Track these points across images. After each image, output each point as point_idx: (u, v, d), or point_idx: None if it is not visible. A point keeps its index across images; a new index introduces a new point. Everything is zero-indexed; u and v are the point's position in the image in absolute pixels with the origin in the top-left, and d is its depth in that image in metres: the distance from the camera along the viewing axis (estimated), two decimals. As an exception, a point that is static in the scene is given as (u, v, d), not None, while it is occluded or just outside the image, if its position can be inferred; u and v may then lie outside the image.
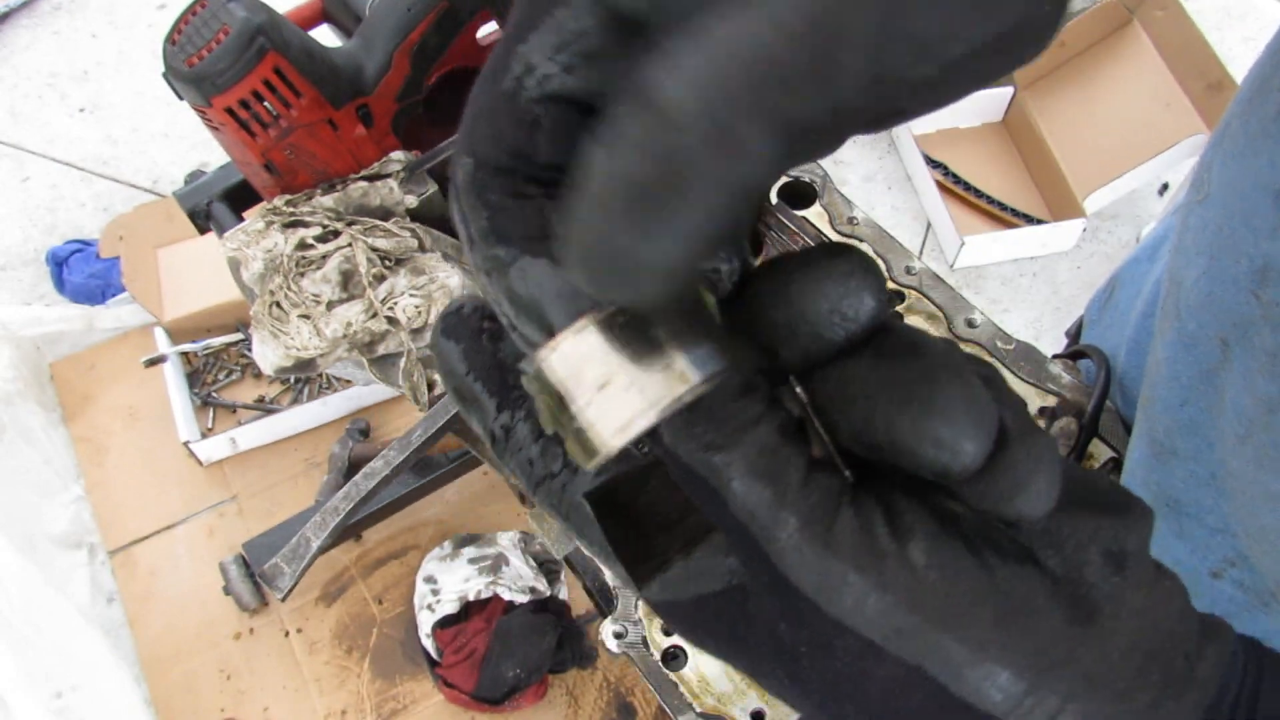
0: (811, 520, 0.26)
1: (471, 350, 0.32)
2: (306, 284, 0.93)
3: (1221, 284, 0.47)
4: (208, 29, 0.89)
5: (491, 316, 0.32)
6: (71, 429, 2.23)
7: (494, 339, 0.32)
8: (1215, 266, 0.47)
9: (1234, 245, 0.46)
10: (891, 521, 0.26)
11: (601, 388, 0.24)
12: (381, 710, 1.89)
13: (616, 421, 0.24)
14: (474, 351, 0.32)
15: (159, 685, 1.94)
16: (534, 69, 0.24)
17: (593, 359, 0.24)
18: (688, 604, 0.30)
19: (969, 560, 0.26)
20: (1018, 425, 0.26)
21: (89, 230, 2.54)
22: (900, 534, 0.26)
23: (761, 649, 0.29)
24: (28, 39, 3.00)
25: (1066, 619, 0.26)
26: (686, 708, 0.71)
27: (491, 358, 0.32)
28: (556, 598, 1.90)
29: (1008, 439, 0.25)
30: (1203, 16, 2.49)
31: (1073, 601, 0.26)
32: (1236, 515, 0.50)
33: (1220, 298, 0.47)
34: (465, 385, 0.32)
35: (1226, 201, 0.47)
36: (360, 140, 1.03)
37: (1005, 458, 0.25)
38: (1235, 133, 0.47)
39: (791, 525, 0.26)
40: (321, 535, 0.74)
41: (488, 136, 0.25)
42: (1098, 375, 0.79)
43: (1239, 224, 0.45)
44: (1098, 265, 2.47)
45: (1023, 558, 0.27)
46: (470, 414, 0.33)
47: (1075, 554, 0.27)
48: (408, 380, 0.91)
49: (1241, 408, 0.46)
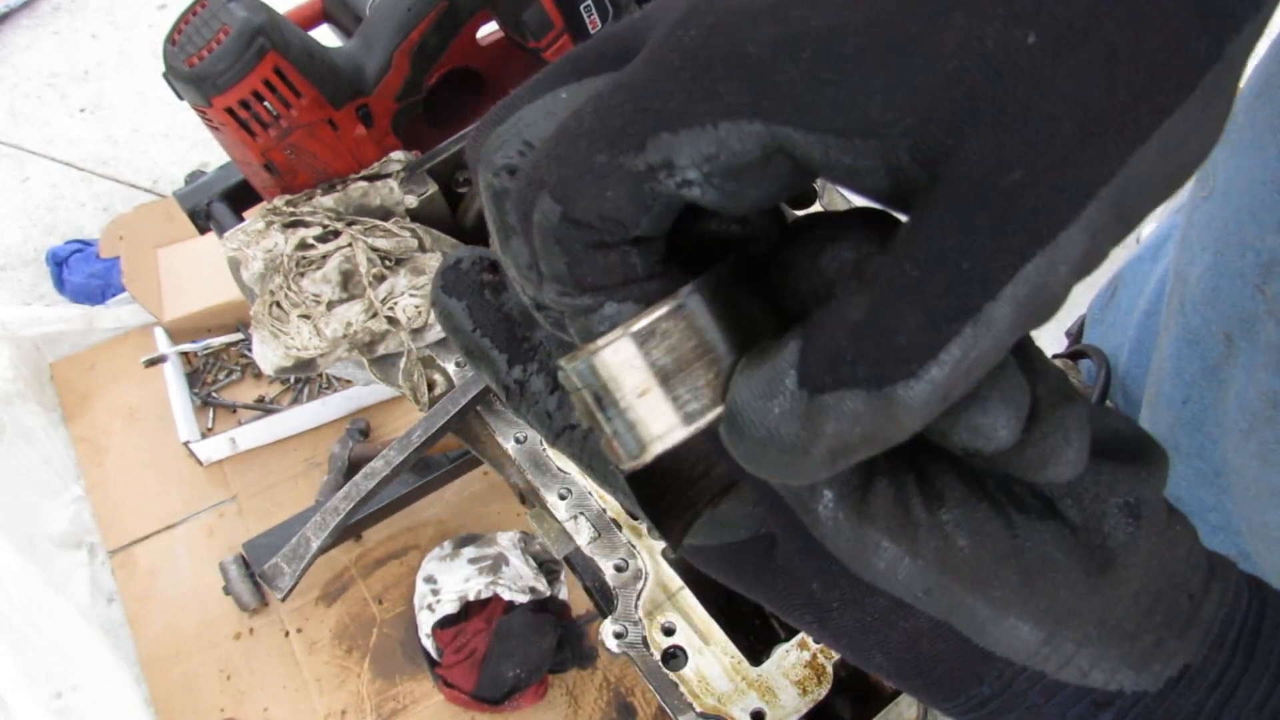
0: (846, 492, 0.27)
1: (476, 306, 0.32)
2: (306, 284, 0.93)
3: (1227, 279, 0.47)
4: (208, 29, 0.89)
5: (492, 267, 0.32)
6: (71, 429, 2.23)
7: (496, 292, 0.32)
8: (1221, 261, 0.47)
9: (1240, 240, 0.46)
10: (924, 490, 0.28)
11: (642, 395, 0.24)
12: (381, 710, 1.89)
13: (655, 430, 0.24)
14: (479, 307, 0.32)
15: (159, 685, 1.94)
16: (676, 169, 0.23)
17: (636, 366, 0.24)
18: (716, 549, 0.31)
19: (996, 522, 0.27)
20: (1049, 396, 0.26)
21: (89, 230, 2.54)
22: (932, 502, 0.28)
23: (792, 599, 0.30)
24: (28, 39, 3.00)
25: (1084, 571, 0.27)
26: (686, 708, 0.71)
27: (497, 312, 0.32)
28: (556, 598, 1.90)
29: (1039, 411, 0.26)
30: (1203, 16, 2.49)
31: (1089, 553, 0.28)
32: (1239, 512, 0.50)
33: (1225, 292, 0.47)
34: (474, 342, 0.32)
35: (1232, 197, 0.47)
36: (360, 140, 1.03)
37: (1036, 431, 0.26)
38: (1241, 129, 0.47)
39: (827, 497, 0.27)
40: (321, 535, 0.74)
41: (591, 196, 0.23)
42: (1098, 375, 0.79)
43: (1245, 219, 0.45)
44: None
45: (1045, 512, 0.28)
46: (481, 369, 0.33)
47: (1094, 506, 0.28)
48: (408, 380, 0.91)
49: (1245, 403, 0.46)
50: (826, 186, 0.97)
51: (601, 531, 0.79)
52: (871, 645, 0.29)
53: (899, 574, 0.27)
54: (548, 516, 0.83)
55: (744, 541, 0.31)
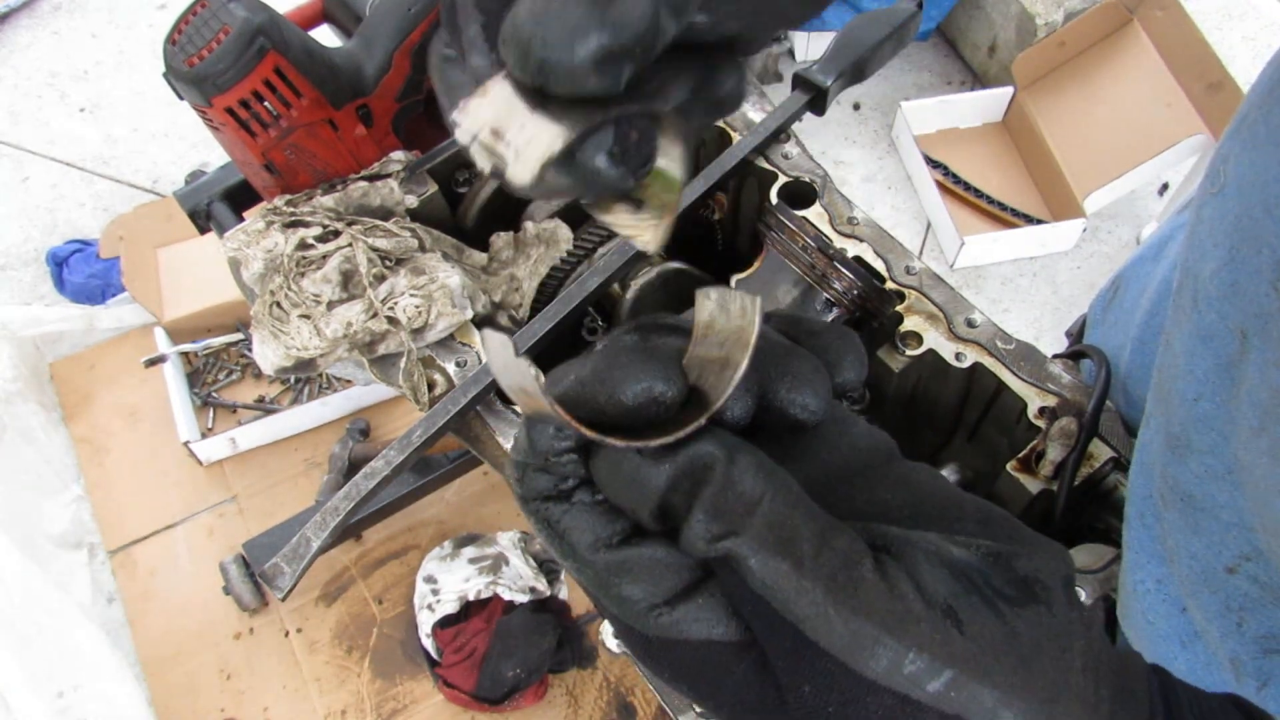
0: (834, 586, 0.28)
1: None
2: (307, 284, 0.93)
3: (1243, 275, 0.47)
4: (208, 29, 0.89)
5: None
6: (71, 429, 2.23)
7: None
8: (1236, 258, 0.47)
9: (1255, 237, 0.45)
10: (915, 582, 0.29)
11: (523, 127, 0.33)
12: (381, 710, 1.89)
13: (539, 147, 0.33)
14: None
15: (159, 685, 1.94)
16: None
17: (514, 104, 0.33)
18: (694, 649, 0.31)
19: (988, 612, 0.29)
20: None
21: (89, 230, 2.54)
22: (926, 594, 0.29)
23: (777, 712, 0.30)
24: (28, 39, 3.00)
25: (1060, 649, 0.30)
26: (686, 708, 0.71)
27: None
28: (556, 598, 1.90)
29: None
30: (1203, 16, 2.49)
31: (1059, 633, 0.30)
32: (1252, 509, 0.50)
33: (1241, 289, 0.47)
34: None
35: (1246, 193, 0.47)
36: (360, 140, 1.03)
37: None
38: (1255, 124, 0.47)
39: (817, 593, 0.28)
40: (321, 535, 0.74)
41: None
42: (1098, 375, 0.79)
43: (1260, 215, 0.45)
44: (1098, 265, 2.47)
45: (1023, 599, 0.30)
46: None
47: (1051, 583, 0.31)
48: (408, 380, 0.91)
49: (1258, 401, 0.46)
50: (827, 186, 0.97)
51: (602, 531, 0.79)
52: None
53: (904, 669, 0.28)
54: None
55: (724, 647, 0.31)
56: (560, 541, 0.33)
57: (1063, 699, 0.29)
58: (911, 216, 2.56)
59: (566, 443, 0.32)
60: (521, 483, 0.34)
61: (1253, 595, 0.53)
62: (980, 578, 0.30)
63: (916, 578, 0.29)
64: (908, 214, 2.57)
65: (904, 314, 0.88)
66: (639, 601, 0.31)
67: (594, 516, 0.32)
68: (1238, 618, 0.54)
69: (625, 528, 0.32)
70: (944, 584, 0.29)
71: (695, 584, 0.31)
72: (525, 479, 0.33)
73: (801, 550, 0.29)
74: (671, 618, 0.31)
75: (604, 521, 0.32)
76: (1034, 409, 0.81)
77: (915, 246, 2.44)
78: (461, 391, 0.84)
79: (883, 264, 0.91)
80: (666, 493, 0.30)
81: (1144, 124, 2.37)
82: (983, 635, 0.29)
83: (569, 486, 0.33)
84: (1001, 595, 0.30)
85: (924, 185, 2.53)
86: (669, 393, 0.31)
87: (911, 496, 0.34)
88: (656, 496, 0.31)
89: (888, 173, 2.64)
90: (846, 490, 0.34)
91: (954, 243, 2.41)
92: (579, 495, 0.33)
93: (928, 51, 2.86)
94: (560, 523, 0.33)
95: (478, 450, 0.90)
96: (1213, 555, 0.54)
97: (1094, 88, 2.47)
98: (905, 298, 0.88)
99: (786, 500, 0.30)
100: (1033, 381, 0.82)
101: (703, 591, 0.31)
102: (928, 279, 0.89)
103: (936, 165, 2.53)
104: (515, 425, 0.86)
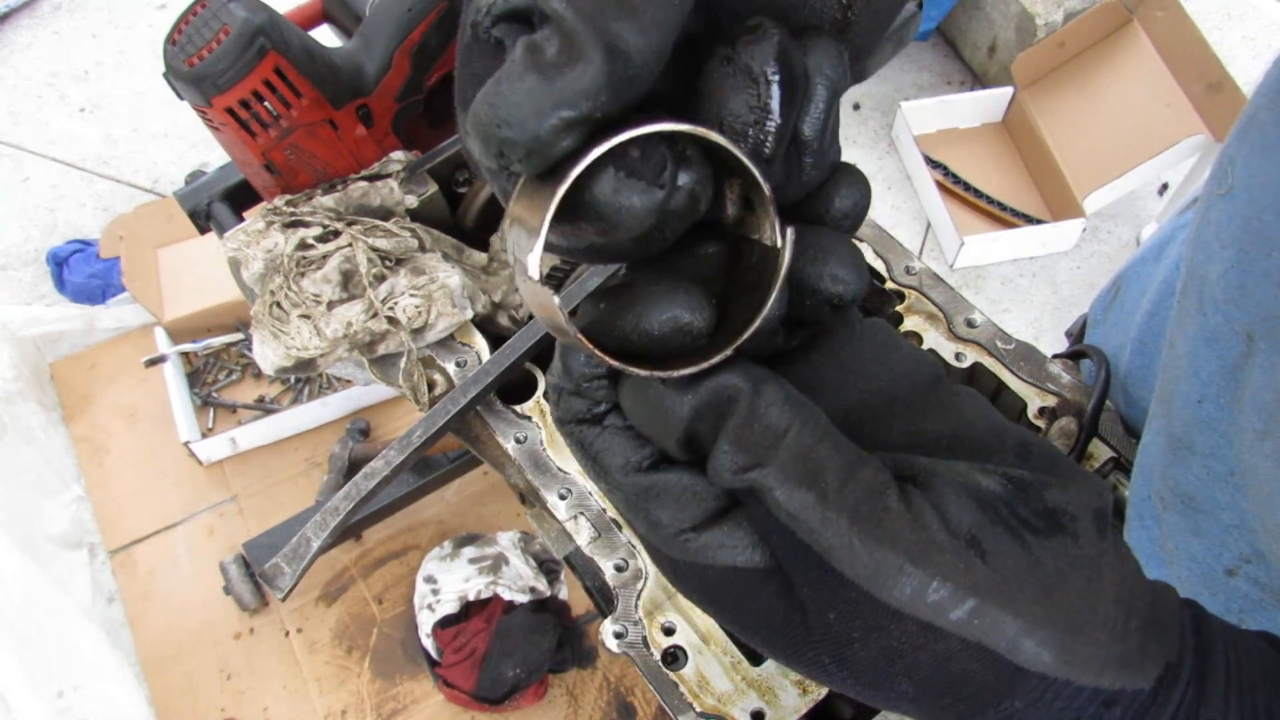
0: (859, 517, 0.29)
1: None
2: (307, 284, 0.93)
3: (1251, 278, 0.47)
4: (208, 29, 0.89)
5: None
6: (71, 429, 2.23)
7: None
8: (1244, 260, 0.47)
9: (1265, 239, 0.45)
10: (940, 512, 0.29)
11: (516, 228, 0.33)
12: (381, 710, 1.89)
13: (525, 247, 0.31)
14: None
15: (159, 685, 1.94)
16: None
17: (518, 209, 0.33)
18: (719, 574, 0.32)
19: (1013, 542, 0.30)
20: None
21: (89, 230, 2.54)
22: (951, 524, 0.29)
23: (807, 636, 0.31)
24: (28, 39, 3.00)
25: (1086, 580, 0.30)
26: (686, 708, 0.71)
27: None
28: (556, 598, 1.90)
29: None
30: (1203, 16, 2.49)
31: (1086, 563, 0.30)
32: (1254, 511, 0.50)
33: (1249, 292, 0.47)
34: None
35: (1256, 195, 0.46)
36: (360, 140, 1.03)
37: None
38: (1263, 126, 0.47)
39: (841, 524, 0.29)
40: (321, 535, 0.74)
41: None
42: (1097, 375, 0.79)
43: (1271, 218, 0.45)
44: (1097, 265, 2.47)
45: (1049, 530, 0.30)
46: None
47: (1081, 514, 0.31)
48: (408, 380, 0.91)
49: (1262, 403, 0.46)
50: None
51: (601, 531, 0.79)
52: (897, 672, 0.30)
53: (928, 597, 0.28)
54: (548, 516, 0.83)
55: (751, 574, 0.31)
56: (594, 464, 0.34)
57: (1087, 629, 0.29)
58: (911, 216, 2.56)
59: (598, 369, 0.33)
60: (558, 405, 0.35)
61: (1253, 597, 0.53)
62: (1006, 508, 0.30)
63: (941, 508, 0.29)
64: (907, 214, 2.57)
65: (904, 314, 0.88)
66: (667, 526, 0.32)
67: (625, 440, 0.34)
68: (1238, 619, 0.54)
69: (654, 452, 0.33)
70: (969, 514, 0.30)
71: (722, 511, 0.32)
72: (561, 402, 0.35)
73: (827, 482, 0.29)
74: (699, 543, 0.32)
75: (634, 446, 0.33)
76: (1034, 409, 0.81)
77: (915, 246, 2.44)
78: (461, 391, 0.84)
79: (882, 264, 0.91)
80: (691, 422, 0.31)
81: (1144, 124, 2.37)
82: (1006, 565, 0.29)
83: (601, 410, 0.34)
84: (1027, 525, 0.30)
85: (924, 185, 2.53)
86: (696, 322, 0.31)
87: (951, 425, 0.34)
88: (681, 426, 0.31)
89: (888, 172, 2.64)
90: (886, 419, 0.34)
91: (954, 243, 2.41)
92: (610, 419, 0.34)
93: (928, 51, 2.86)
94: (593, 445, 0.34)
95: (478, 450, 0.90)
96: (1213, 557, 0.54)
97: (1094, 88, 2.47)
98: (905, 298, 0.88)
99: (813, 432, 0.30)
100: (1032, 381, 0.82)
101: (730, 519, 0.32)
102: (927, 279, 0.89)
103: (936, 165, 2.53)
104: (515, 425, 0.86)
